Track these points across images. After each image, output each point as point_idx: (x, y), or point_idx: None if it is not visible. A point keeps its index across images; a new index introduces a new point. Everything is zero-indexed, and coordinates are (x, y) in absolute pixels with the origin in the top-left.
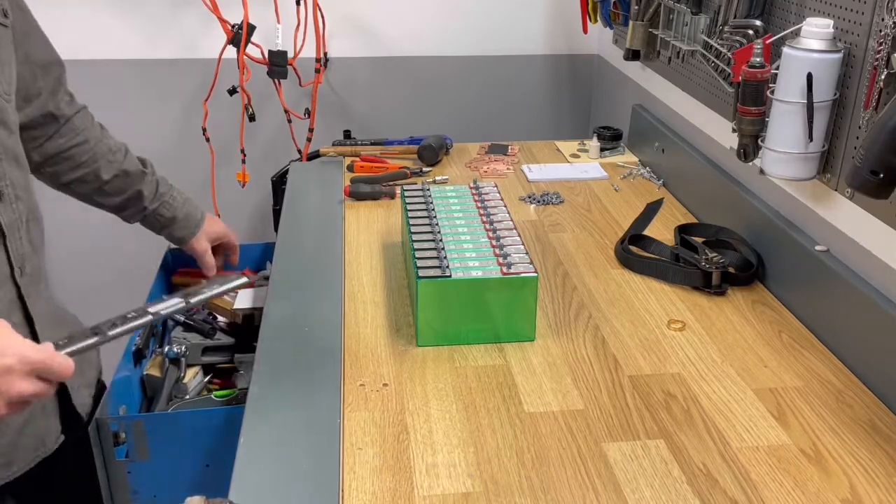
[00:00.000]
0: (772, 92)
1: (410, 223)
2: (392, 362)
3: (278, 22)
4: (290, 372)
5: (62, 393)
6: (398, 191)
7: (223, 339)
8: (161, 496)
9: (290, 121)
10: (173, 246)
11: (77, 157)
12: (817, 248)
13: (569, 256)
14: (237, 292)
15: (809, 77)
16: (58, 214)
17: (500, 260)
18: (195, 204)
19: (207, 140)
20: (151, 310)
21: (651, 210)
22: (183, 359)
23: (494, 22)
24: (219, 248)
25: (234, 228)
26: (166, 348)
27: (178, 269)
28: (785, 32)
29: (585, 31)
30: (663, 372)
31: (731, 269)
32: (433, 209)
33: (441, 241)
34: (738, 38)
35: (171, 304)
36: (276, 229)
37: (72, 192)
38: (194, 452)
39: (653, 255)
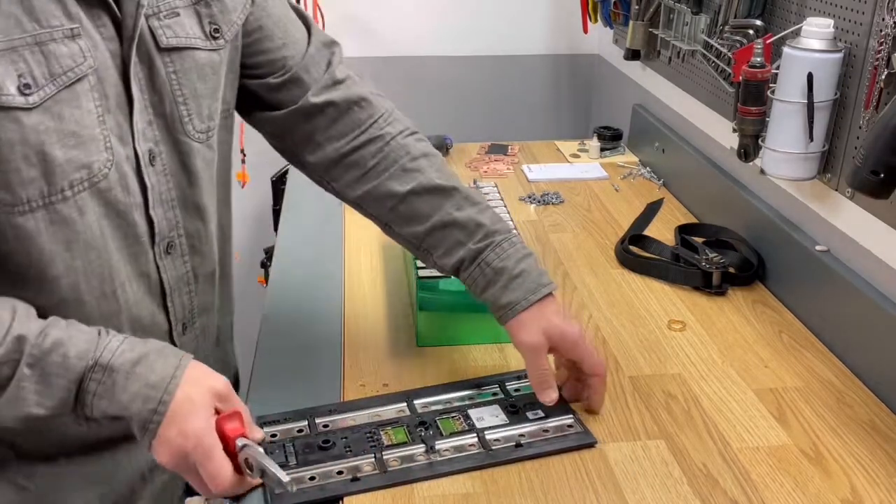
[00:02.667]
0: (772, 92)
1: None
2: (392, 362)
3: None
4: (290, 372)
5: None
6: None
7: None
8: None
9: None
10: None
11: (363, 162)
12: (818, 248)
13: (569, 256)
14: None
15: (810, 77)
16: None
17: None
18: (539, 266)
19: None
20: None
21: (651, 210)
22: None
23: (494, 22)
24: (568, 363)
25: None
26: None
27: None
28: (785, 32)
29: (585, 31)
30: (663, 372)
31: (732, 270)
32: None
33: None
34: (738, 37)
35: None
36: (275, 230)
37: (369, 215)
38: None
39: (653, 255)
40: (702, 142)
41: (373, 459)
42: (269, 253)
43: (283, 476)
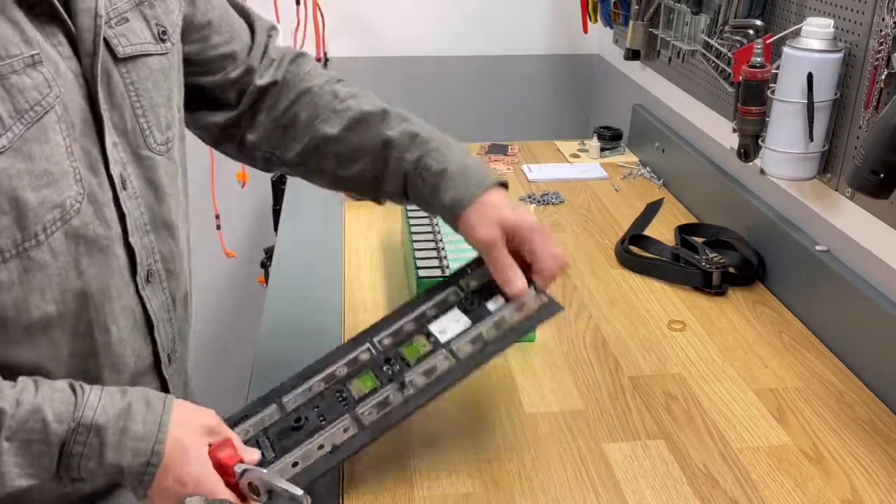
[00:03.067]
0: (772, 92)
1: (410, 223)
2: None
3: (278, 21)
4: (291, 372)
5: None
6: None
7: None
8: None
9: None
10: None
11: (296, 120)
12: (818, 248)
13: (569, 256)
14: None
15: (810, 77)
16: None
17: None
18: (484, 164)
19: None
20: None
21: (651, 210)
22: None
23: (494, 22)
24: (523, 256)
25: (233, 228)
26: None
27: None
28: (785, 32)
29: (585, 31)
30: (664, 372)
31: (732, 270)
32: None
33: (441, 241)
34: (738, 37)
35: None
36: (275, 230)
37: (317, 173)
38: None
39: (653, 256)
40: (702, 142)
41: (348, 420)
42: (269, 253)
43: (295, 490)
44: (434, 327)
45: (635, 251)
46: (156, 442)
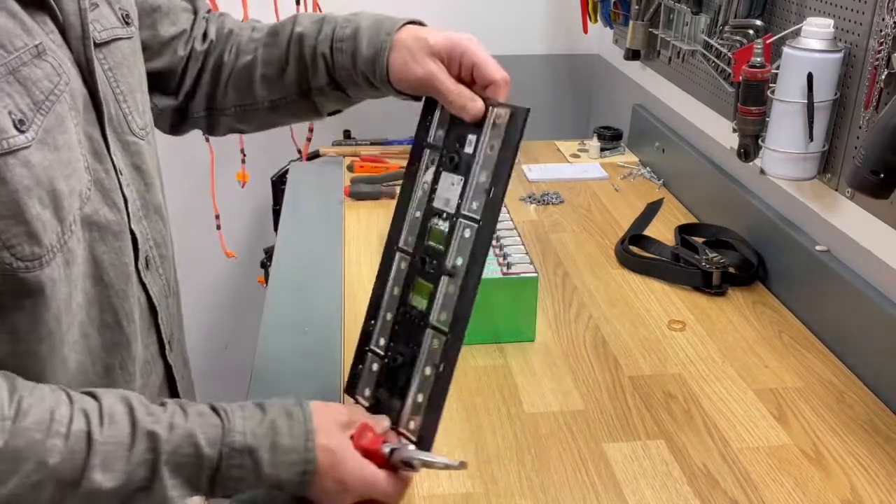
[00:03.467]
0: (772, 92)
1: None
2: None
3: (278, 21)
4: (290, 372)
5: None
6: (398, 191)
7: None
8: None
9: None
10: None
11: (223, 66)
12: (818, 248)
13: (569, 256)
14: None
15: (810, 77)
16: None
17: (501, 260)
18: (395, 17)
19: (207, 140)
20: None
21: (651, 210)
22: None
23: (494, 22)
24: (465, 73)
25: (233, 228)
26: None
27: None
28: (785, 32)
29: (585, 31)
30: (663, 372)
31: (732, 270)
32: None
33: None
34: (738, 37)
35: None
36: (276, 229)
37: (243, 119)
38: None
39: (653, 256)
40: (702, 142)
41: (431, 333)
42: (269, 253)
43: (448, 461)
44: (438, 203)
45: (635, 251)
46: (306, 451)
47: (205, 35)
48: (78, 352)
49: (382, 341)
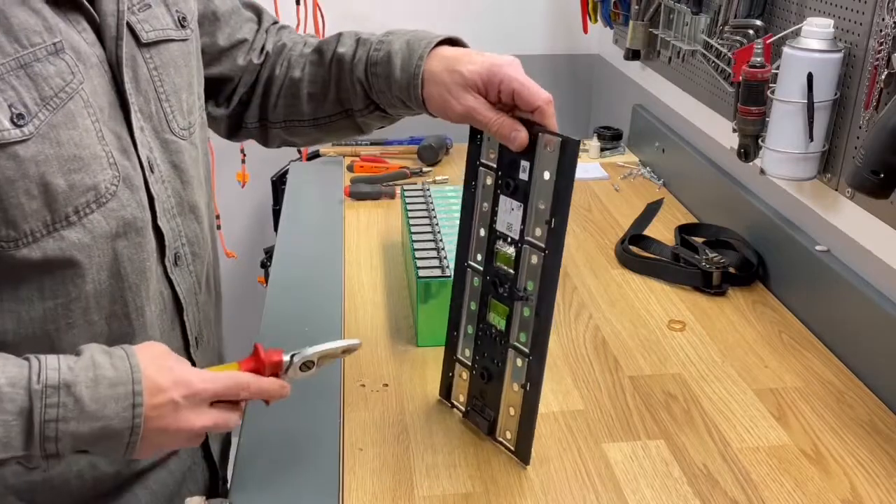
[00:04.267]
0: (772, 92)
1: (410, 223)
2: (392, 363)
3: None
4: None
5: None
6: (398, 191)
7: None
8: None
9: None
10: None
11: (275, 78)
12: (818, 248)
13: (569, 256)
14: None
15: (810, 77)
16: None
17: None
18: (428, 32)
19: (207, 140)
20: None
21: (651, 210)
22: None
23: (494, 22)
24: (506, 98)
25: (233, 228)
26: None
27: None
28: (785, 32)
29: (585, 31)
30: (664, 372)
31: (732, 270)
32: (433, 209)
33: (441, 241)
34: (738, 37)
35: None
36: (275, 229)
37: (291, 133)
38: None
39: (653, 256)
40: (702, 142)
41: (513, 354)
42: (269, 253)
43: (346, 342)
44: (501, 226)
45: (635, 251)
46: (133, 382)
47: (263, 48)
48: (80, 336)
49: (468, 352)
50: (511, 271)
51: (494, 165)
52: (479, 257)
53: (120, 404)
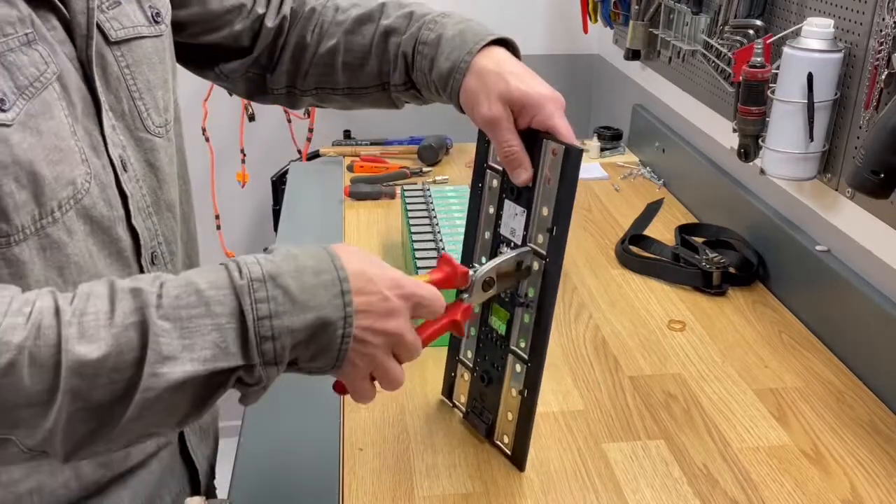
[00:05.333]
0: (772, 92)
1: (410, 223)
2: None
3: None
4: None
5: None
6: (398, 191)
7: None
8: None
9: (289, 120)
10: None
11: (306, 45)
12: (818, 248)
13: (569, 256)
14: None
15: (810, 77)
16: None
17: None
18: (486, 25)
19: (207, 140)
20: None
21: (651, 210)
22: None
23: (494, 22)
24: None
25: (233, 228)
26: None
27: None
28: (785, 32)
29: (586, 30)
30: (664, 372)
31: (732, 270)
32: (433, 209)
33: (441, 241)
34: (738, 37)
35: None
36: (275, 229)
37: (323, 99)
38: None
39: (653, 256)
40: (702, 142)
41: (512, 359)
42: None
43: (517, 251)
44: (505, 230)
45: (635, 251)
46: (336, 269)
47: (279, 10)
48: None
49: (470, 354)
50: (506, 273)
51: (501, 168)
52: (483, 260)
53: (329, 292)
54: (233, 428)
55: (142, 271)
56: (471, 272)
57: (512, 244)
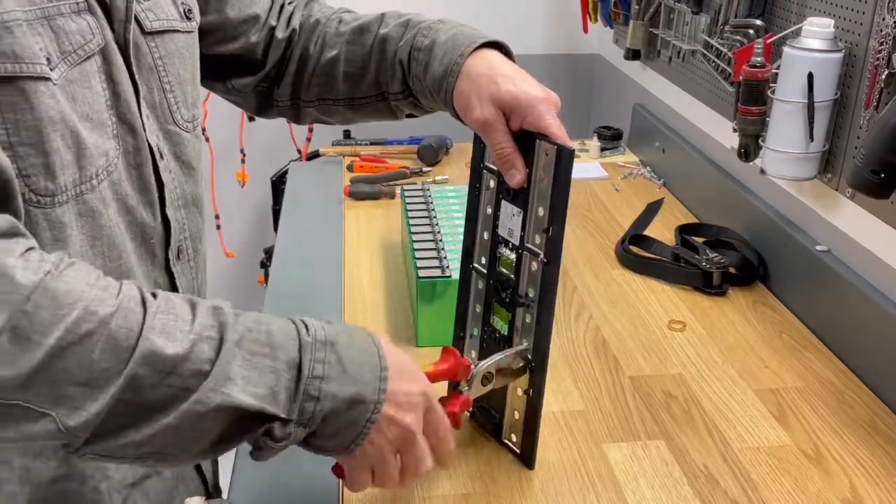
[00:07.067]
0: (772, 92)
1: (410, 223)
2: None
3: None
4: None
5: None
6: (398, 191)
7: None
8: None
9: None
10: None
11: (308, 56)
12: (818, 248)
13: (569, 256)
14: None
15: (810, 77)
16: None
17: None
18: (479, 30)
19: (207, 140)
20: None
21: (651, 210)
22: None
23: (494, 22)
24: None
25: (233, 228)
26: None
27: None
28: (786, 32)
29: (586, 30)
30: (664, 372)
31: (732, 270)
32: (433, 209)
33: (441, 241)
34: (738, 37)
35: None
36: (275, 229)
37: (325, 112)
38: None
39: (653, 256)
40: (702, 142)
41: (513, 355)
42: (269, 253)
43: (515, 349)
44: (502, 231)
45: (635, 251)
46: (379, 357)
47: (289, 23)
48: None
49: (474, 354)
50: (513, 277)
51: (497, 169)
52: (483, 260)
53: (372, 373)
54: None
55: (167, 264)
56: (472, 366)
57: (510, 245)
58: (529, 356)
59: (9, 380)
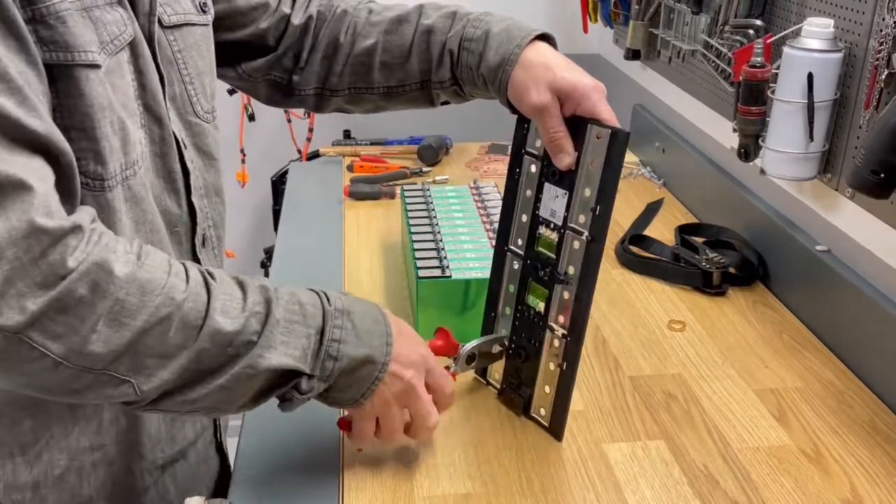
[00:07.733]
0: (772, 92)
1: (410, 223)
2: None
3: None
4: None
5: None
6: (398, 191)
7: None
8: None
9: (289, 120)
10: None
11: (339, 46)
12: (818, 248)
13: None
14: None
15: (810, 77)
16: None
17: None
18: (525, 24)
19: None
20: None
21: (651, 210)
22: None
23: None
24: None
25: (233, 228)
26: None
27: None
28: (785, 32)
29: (586, 30)
30: (664, 372)
31: (732, 270)
32: (433, 209)
33: (441, 241)
34: (738, 37)
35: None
36: (275, 229)
37: (356, 100)
38: None
39: (653, 256)
40: (702, 142)
41: (549, 335)
42: (269, 253)
43: (494, 335)
44: (544, 212)
45: (635, 251)
46: (386, 325)
47: (305, 10)
48: None
49: (505, 332)
50: (552, 256)
51: (539, 154)
52: (519, 241)
53: (380, 339)
54: (233, 428)
55: (194, 251)
56: (460, 347)
57: (552, 225)
58: (506, 343)
59: (102, 356)
